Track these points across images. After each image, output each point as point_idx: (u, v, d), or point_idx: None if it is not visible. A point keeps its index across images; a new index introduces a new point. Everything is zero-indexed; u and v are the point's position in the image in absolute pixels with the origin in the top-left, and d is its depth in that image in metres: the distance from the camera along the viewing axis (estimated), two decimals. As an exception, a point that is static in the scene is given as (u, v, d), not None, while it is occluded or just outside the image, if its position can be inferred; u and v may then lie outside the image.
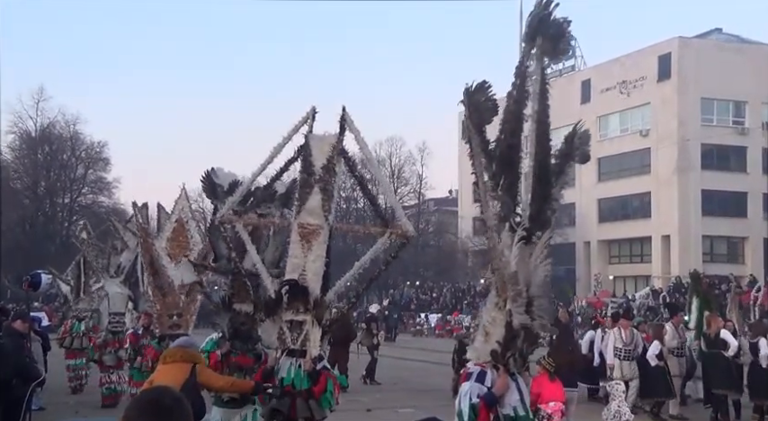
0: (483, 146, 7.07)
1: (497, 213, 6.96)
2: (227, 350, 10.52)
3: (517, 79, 7.10)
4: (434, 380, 22.42)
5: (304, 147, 9.04)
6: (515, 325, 6.75)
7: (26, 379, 11.53)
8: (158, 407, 3.23)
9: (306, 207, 8.85)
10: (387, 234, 8.95)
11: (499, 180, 6.98)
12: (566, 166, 7.16)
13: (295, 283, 8.67)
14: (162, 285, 13.36)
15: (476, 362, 7.03)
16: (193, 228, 14.23)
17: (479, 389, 6.84)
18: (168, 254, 13.72)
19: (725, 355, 15.89)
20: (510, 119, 7.02)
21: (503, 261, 6.84)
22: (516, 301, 6.73)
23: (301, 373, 8.62)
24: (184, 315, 13.43)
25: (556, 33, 6.97)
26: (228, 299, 10.74)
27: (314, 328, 8.67)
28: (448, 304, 51.87)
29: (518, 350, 6.92)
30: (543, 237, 6.92)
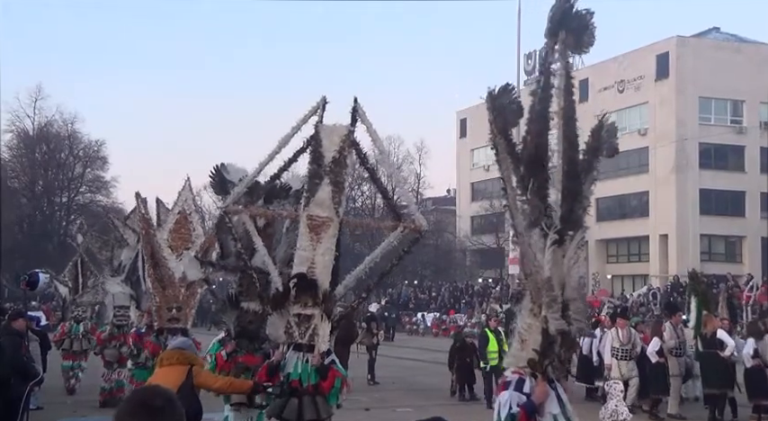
0: (509, 149, 6.88)
1: (528, 217, 6.78)
2: (232, 349, 10.36)
3: (542, 76, 6.97)
4: (432, 379, 22.43)
5: (314, 137, 8.86)
6: (552, 331, 6.60)
7: (24, 378, 11.52)
8: (149, 407, 3.20)
9: (315, 199, 8.68)
10: (399, 228, 8.81)
11: (528, 183, 6.81)
12: (594, 162, 6.93)
13: (303, 277, 8.51)
14: (162, 277, 13.19)
15: (513, 369, 6.85)
16: (196, 220, 14.03)
17: (518, 397, 6.67)
18: (170, 246, 13.51)
19: (721, 355, 15.91)
20: (536, 118, 6.82)
21: (535, 266, 6.68)
22: (552, 307, 6.58)
23: (309, 368, 8.47)
24: (184, 308, 13.27)
25: (579, 26, 6.78)
26: (236, 296, 10.56)
27: (323, 323, 8.51)
28: (446, 303, 51.84)
29: (556, 356, 6.75)
30: (576, 237, 6.75)
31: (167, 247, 13.42)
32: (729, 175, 54.47)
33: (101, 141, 64.37)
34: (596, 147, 6.95)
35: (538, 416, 6.66)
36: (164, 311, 13.16)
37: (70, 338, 19.40)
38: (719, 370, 15.83)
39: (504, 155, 6.91)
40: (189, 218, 13.80)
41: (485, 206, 65.18)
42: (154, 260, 13.34)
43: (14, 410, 11.32)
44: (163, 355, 8.69)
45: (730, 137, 54.22)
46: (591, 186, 6.91)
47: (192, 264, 11.71)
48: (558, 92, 6.81)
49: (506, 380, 6.88)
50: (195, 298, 13.57)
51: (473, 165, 71.82)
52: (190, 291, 13.20)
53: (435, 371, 22.75)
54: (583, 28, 6.81)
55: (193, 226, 13.79)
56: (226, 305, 10.72)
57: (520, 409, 6.61)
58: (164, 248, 13.38)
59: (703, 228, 53.85)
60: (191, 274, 11.85)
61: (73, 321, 19.70)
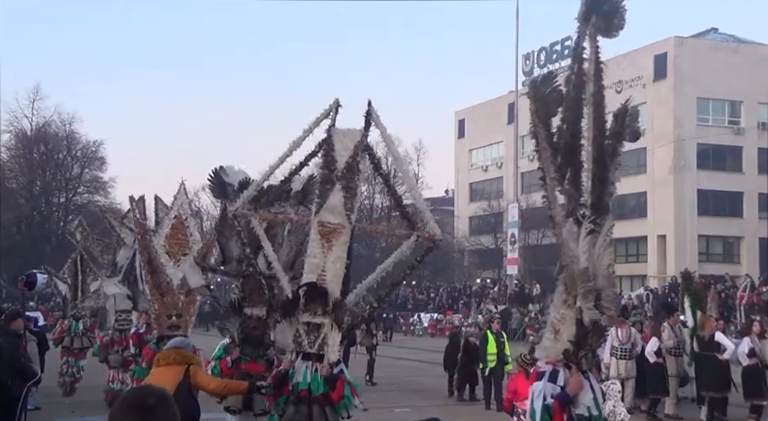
0: (549, 139, 6.82)
1: (564, 207, 6.75)
2: (237, 356, 10.20)
3: (574, 63, 6.90)
4: (430, 379, 22.44)
5: (326, 141, 8.64)
6: (586, 322, 6.57)
7: (22, 378, 11.50)
8: (142, 406, 3.20)
9: (327, 205, 8.48)
10: (413, 237, 8.61)
11: (565, 172, 6.75)
12: (618, 147, 6.87)
13: (314, 285, 8.33)
14: (160, 284, 12.87)
15: (546, 360, 6.81)
16: (193, 225, 13.77)
17: (552, 388, 6.65)
18: (167, 251, 13.21)
19: (719, 358, 15.91)
20: (571, 105, 6.77)
21: (571, 256, 6.62)
22: (587, 298, 6.53)
23: (318, 378, 8.31)
24: (184, 315, 12.95)
25: (610, 9, 6.75)
26: (239, 302, 10.37)
27: (333, 332, 8.34)
28: (444, 304, 51.83)
29: (590, 347, 6.74)
30: (606, 224, 6.71)
31: (164, 253, 13.15)
32: (727, 176, 54.50)
33: (99, 142, 64.42)
34: (619, 131, 6.90)
35: (572, 407, 6.65)
36: (163, 319, 12.89)
37: (70, 336, 19.26)
38: (717, 372, 15.82)
39: (545, 145, 6.84)
40: (185, 223, 13.55)
41: (483, 206, 65.20)
42: (151, 267, 13.05)
43: (13, 410, 11.31)
44: (160, 355, 8.61)
45: (728, 137, 54.25)
46: (615, 172, 6.86)
47: (193, 271, 11.50)
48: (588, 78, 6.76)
49: (540, 370, 6.86)
50: (195, 304, 13.29)
51: (471, 165, 71.85)
52: (189, 297, 12.94)
53: (433, 372, 22.75)
54: (614, 11, 6.77)
55: (190, 231, 13.56)
56: (229, 311, 10.54)
57: (554, 400, 6.60)
58: (161, 254, 13.11)
59: (701, 228, 53.87)
60: (193, 282, 11.68)
61: (72, 319, 19.53)
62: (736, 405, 16.21)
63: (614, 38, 7.02)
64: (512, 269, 50.46)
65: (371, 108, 8.74)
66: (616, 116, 6.92)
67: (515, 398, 12.39)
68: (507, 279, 51.29)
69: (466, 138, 72.14)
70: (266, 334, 10.43)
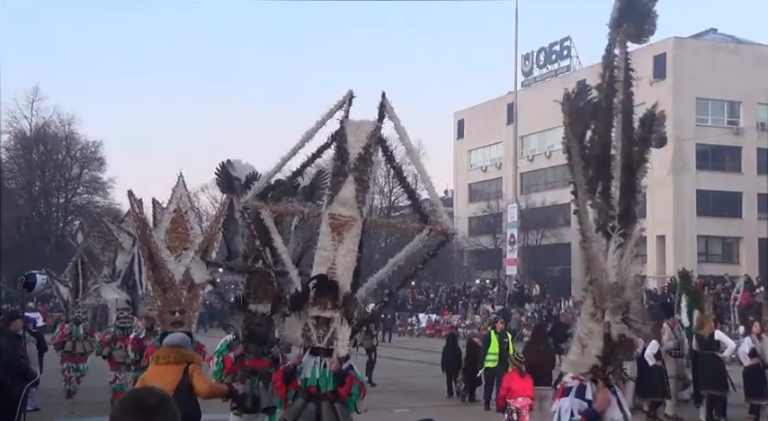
0: (582, 153, 6.67)
1: (595, 220, 6.60)
2: (240, 353, 10.13)
3: (606, 70, 6.75)
4: (429, 380, 22.43)
5: (339, 133, 8.51)
6: (614, 336, 6.43)
7: (22, 379, 11.50)
8: (143, 407, 3.22)
9: (338, 197, 8.36)
10: (425, 230, 8.50)
11: (596, 185, 6.64)
12: (645, 153, 6.73)
13: (324, 278, 8.18)
14: (162, 280, 12.54)
15: (573, 375, 6.67)
16: (193, 218, 13.47)
17: (580, 404, 6.51)
18: (168, 246, 12.90)
19: (718, 356, 15.93)
20: (602, 115, 6.65)
21: (600, 270, 6.47)
22: (616, 313, 6.39)
23: (327, 374, 8.17)
24: (187, 311, 12.61)
25: (641, 14, 6.65)
26: (243, 298, 10.28)
27: (342, 326, 8.20)
28: (443, 304, 51.83)
29: (618, 362, 6.61)
30: (633, 234, 6.64)
31: (165, 248, 12.84)
32: (726, 176, 54.52)
33: (98, 142, 64.33)
34: (646, 137, 6.77)
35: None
36: (166, 315, 12.59)
37: (72, 340, 19.07)
38: (716, 371, 15.84)
39: (578, 159, 6.69)
40: (185, 216, 13.26)
41: (482, 207, 65.20)
42: (152, 262, 12.72)
43: (12, 411, 11.30)
44: (159, 353, 8.49)
45: (727, 138, 54.27)
46: (642, 179, 6.75)
47: (197, 266, 11.32)
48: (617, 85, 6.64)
49: (566, 385, 6.72)
50: (198, 300, 12.92)
51: (470, 166, 71.85)
52: (192, 292, 12.59)
53: (432, 373, 22.73)
54: (645, 16, 6.67)
55: (191, 224, 13.26)
56: (233, 307, 10.44)
57: (581, 417, 6.48)
58: (162, 249, 12.79)
59: (700, 229, 53.88)
60: (197, 277, 11.47)
61: (73, 323, 19.35)
62: (735, 405, 16.22)
63: (643, 43, 6.96)
64: (511, 269, 50.49)
65: (385, 100, 8.64)
66: (642, 121, 6.81)
67: (509, 395, 12.52)
68: (506, 279, 51.29)
69: (465, 138, 72.13)
70: (271, 331, 10.34)
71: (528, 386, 12.65)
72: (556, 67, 62.11)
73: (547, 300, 46.08)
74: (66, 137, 63.56)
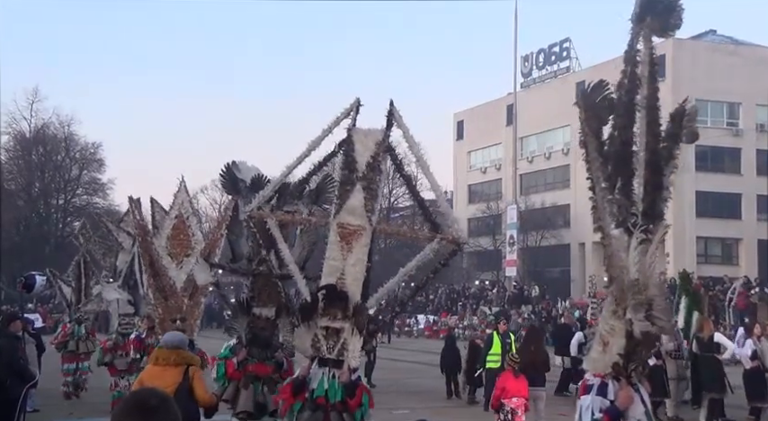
0: (600, 149, 6.58)
1: (615, 217, 6.53)
2: (243, 357, 10.00)
3: (627, 66, 6.65)
4: (429, 381, 22.42)
5: (346, 141, 8.41)
6: (636, 334, 6.35)
7: (21, 380, 11.49)
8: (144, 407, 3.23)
9: (346, 206, 8.24)
10: (436, 240, 8.42)
11: (615, 181, 6.55)
12: (674, 149, 6.61)
13: (333, 288, 8.05)
14: (163, 287, 12.51)
15: (594, 373, 6.60)
16: (194, 224, 13.37)
17: (602, 402, 6.45)
18: (169, 253, 12.84)
19: (718, 359, 15.92)
20: (622, 112, 6.54)
21: (621, 267, 6.43)
22: (638, 310, 6.31)
23: (336, 385, 8.04)
24: (188, 319, 12.61)
25: (666, 8, 6.55)
26: (247, 302, 10.15)
27: (353, 337, 8.07)
28: (443, 305, 51.84)
29: (640, 360, 6.53)
30: (658, 231, 6.53)
31: (166, 255, 12.78)
32: (726, 178, 54.53)
33: (97, 143, 64.38)
34: (676, 133, 6.65)
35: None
36: (167, 323, 12.49)
37: (74, 340, 18.97)
38: (717, 373, 15.83)
39: (595, 155, 6.60)
40: (187, 222, 13.16)
41: (482, 208, 65.18)
42: (153, 269, 12.68)
43: (11, 412, 11.30)
44: (159, 354, 8.37)
45: (726, 139, 54.27)
46: (671, 175, 6.65)
47: (200, 268, 11.18)
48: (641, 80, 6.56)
49: (588, 383, 6.64)
50: (199, 307, 12.93)
51: (470, 167, 71.86)
52: (193, 300, 12.61)
53: (432, 374, 22.73)
54: (670, 10, 6.58)
55: (192, 231, 13.15)
56: (237, 311, 10.31)
57: (603, 415, 6.41)
58: (163, 256, 12.73)
59: (700, 230, 53.88)
60: (200, 279, 11.33)
61: (75, 323, 19.26)
62: (735, 406, 16.21)
63: (670, 37, 6.85)
64: (510, 271, 50.48)
65: (394, 108, 8.53)
66: (673, 117, 6.68)
67: (504, 395, 12.56)
68: (506, 281, 51.29)
69: (464, 139, 72.13)
70: (275, 335, 10.24)
71: (522, 386, 12.71)
72: (555, 68, 62.11)
73: (546, 301, 46.10)
74: (66, 138, 63.61)
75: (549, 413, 16.42)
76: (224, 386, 10.24)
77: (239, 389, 10.11)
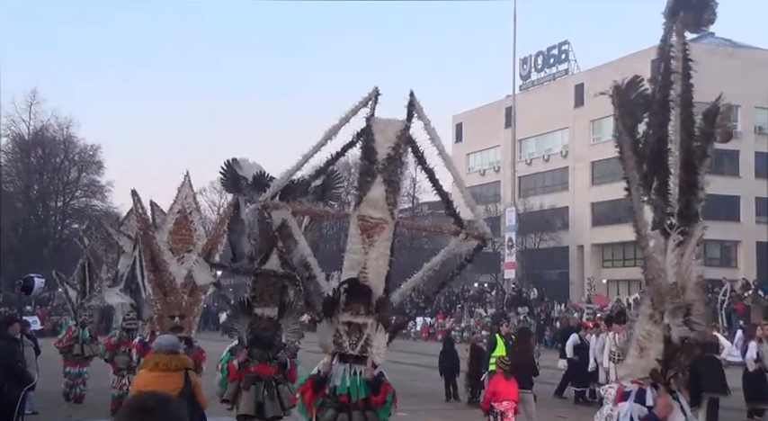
0: (635, 147, 6.39)
1: (651, 218, 6.35)
2: (244, 358, 9.85)
3: (661, 62, 6.50)
4: (428, 383, 22.39)
5: (365, 131, 8.13)
6: (674, 339, 6.16)
7: (19, 382, 11.48)
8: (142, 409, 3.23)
9: (367, 198, 7.99)
10: (462, 235, 8.29)
11: (651, 181, 6.38)
12: (708, 148, 6.46)
13: (355, 282, 7.80)
14: (163, 283, 12.25)
15: (631, 379, 6.43)
16: (197, 220, 13.06)
17: (640, 410, 6.28)
18: (170, 248, 12.56)
19: (717, 359, 15.91)
20: (658, 108, 6.38)
21: (658, 270, 6.25)
22: (676, 314, 6.14)
23: (358, 381, 7.84)
24: (187, 316, 12.38)
25: (699, 2, 6.41)
26: (248, 301, 9.99)
27: (377, 333, 7.84)
28: (442, 307, 51.83)
29: (680, 366, 6.33)
30: (695, 233, 6.39)
31: (168, 250, 12.52)
32: (724, 180, 54.44)
33: (96, 146, 64.32)
34: (710, 132, 6.50)
35: None
36: (166, 320, 12.27)
37: (79, 343, 18.83)
38: (716, 373, 15.82)
39: (629, 153, 6.41)
40: (189, 217, 12.89)
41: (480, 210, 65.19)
42: (154, 264, 12.43)
43: (9, 415, 11.28)
44: (158, 359, 8.29)
45: (725, 141, 54.27)
46: (706, 174, 6.48)
47: (200, 268, 10.94)
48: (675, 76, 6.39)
49: (624, 390, 6.48)
50: (199, 304, 12.66)
51: (468, 169, 71.85)
52: (193, 297, 12.36)
53: (430, 376, 22.72)
54: (703, 5, 6.45)
55: (194, 226, 12.87)
56: (238, 311, 10.12)
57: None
58: (164, 251, 12.46)
59: (698, 232, 53.91)
60: (200, 279, 11.10)
61: (79, 326, 19.11)
62: (735, 409, 16.20)
63: (703, 32, 6.71)
64: (509, 273, 50.46)
65: (414, 98, 8.32)
66: (706, 115, 6.55)
67: (494, 398, 12.59)
68: (504, 283, 51.30)
69: (463, 142, 72.16)
70: (277, 335, 10.07)
71: (513, 389, 12.74)
72: (554, 70, 62.17)
73: (545, 303, 46.10)
74: (65, 140, 63.57)
75: (548, 415, 16.43)
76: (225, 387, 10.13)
77: (240, 389, 9.97)
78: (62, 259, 46.28)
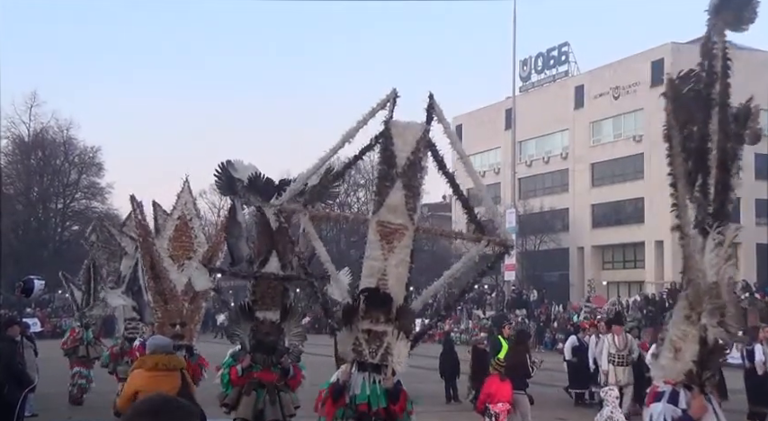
0: (684, 144, 6.30)
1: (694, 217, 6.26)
2: (248, 364, 9.72)
3: (704, 59, 6.43)
4: (427, 385, 22.35)
5: (383, 134, 7.95)
6: (710, 340, 6.10)
7: (19, 384, 11.48)
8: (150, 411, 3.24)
9: (387, 203, 7.83)
10: (483, 242, 8.17)
11: (695, 178, 6.31)
12: (738, 150, 6.46)
13: (376, 290, 7.65)
14: (163, 291, 12.13)
15: (665, 380, 6.35)
16: (197, 226, 12.95)
17: (673, 411, 6.20)
18: (170, 255, 12.45)
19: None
20: (701, 106, 6.31)
21: (697, 269, 6.16)
22: (714, 315, 6.06)
23: (378, 390, 7.72)
24: (188, 324, 12.27)
25: (742, 1, 6.38)
26: (249, 306, 9.85)
27: (398, 341, 7.70)
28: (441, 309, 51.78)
29: (715, 368, 6.30)
30: (728, 233, 6.31)
31: (168, 257, 12.42)
32: (724, 181, 54.59)
33: (96, 148, 64.32)
34: (740, 133, 6.45)
35: None
36: (167, 328, 12.09)
37: (84, 345, 18.79)
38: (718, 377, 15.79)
39: (678, 150, 6.33)
40: (190, 224, 12.79)
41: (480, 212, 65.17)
42: (154, 272, 12.30)
43: (10, 417, 11.28)
44: (158, 359, 8.23)
45: (725, 143, 54.31)
46: (735, 177, 6.44)
47: (199, 273, 10.80)
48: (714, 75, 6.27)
49: (657, 390, 6.41)
50: (200, 312, 12.53)
51: (468, 171, 71.90)
52: (194, 304, 12.25)
53: (430, 378, 22.69)
54: (746, 3, 6.40)
55: (195, 233, 12.75)
56: (239, 316, 9.98)
57: None
58: (164, 259, 12.36)
59: (699, 234, 53.96)
60: (199, 284, 10.94)
61: (83, 328, 19.05)
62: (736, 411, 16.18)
63: (743, 32, 6.64)
64: (509, 275, 50.43)
65: (433, 101, 8.16)
66: (737, 116, 6.50)
67: (489, 400, 12.63)
68: (504, 285, 51.30)
69: (463, 143, 71.40)
70: (280, 339, 9.95)
71: (507, 391, 12.78)
72: (554, 72, 62.17)
73: (545, 305, 46.09)
74: (65, 142, 63.56)
75: (548, 417, 16.43)
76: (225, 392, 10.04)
77: (241, 394, 9.88)
78: (62, 261, 46.26)
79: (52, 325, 45.88)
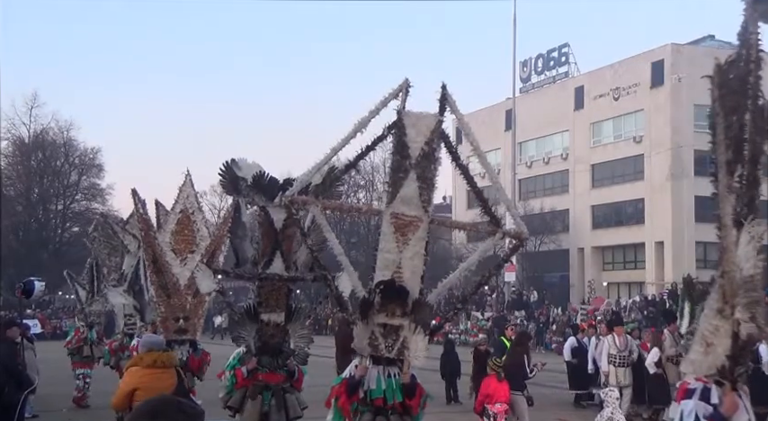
0: (728, 132, 6.21)
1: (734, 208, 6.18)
2: (253, 366, 9.64)
3: (742, 49, 6.36)
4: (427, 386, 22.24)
5: (396, 124, 7.79)
6: (743, 335, 5.98)
7: (18, 386, 11.47)
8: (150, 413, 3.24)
9: (401, 195, 7.69)
10: (498, 234, 8.07)
11: (735, 169, 6.22)
12: (764, 144, 6.31)
13: (392, 283, 7.50)
14: (166, 285, 12.00)
15: (696, 376, 6.24)
16: (200, 220, 12.81)
17: (704, 408, 6.12)
18: (173, 249, 12.31)
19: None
20: (745, 94, 6.25)
21: (732, 262, 6.04)
22: (749, 309, 5.93)
23: (394, 384, 7.66)
24: (191, 318, 12.13)
25: None
26: (254, 307, 9.76)
27: (415, 335, 7.60)
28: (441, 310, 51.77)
29: (747, 363, 6.16)
30: (758, 228, 6.19)
31: (170, 251, 12.28)
32: (724, 182, 54.56)
33: (96, 149, 64.37)
34: (764, 128, 6.38)
35: None
36: (170, 322, 11.97)
37: (89, 345, 18.77)
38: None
39: (722, 137, 6.23)
40: (192, 217, 12.63)
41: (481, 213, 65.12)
42: (156, 266, 12.15)
43: (10, 418, 11.28)
44: (157, 357, 8.20)
45: (725, 144, 54.27)
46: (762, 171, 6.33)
47: (204, 275, 10.65)
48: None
49: (688, 387, 6.29)
50: (203, 306, 12.41)
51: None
52: (197, 298, 12.12)
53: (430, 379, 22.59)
54: None
55: (197, 226, 12.61)
56: (244, 317, 9.89)
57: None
58: (166, 252, 12.22)
59: (699, 235, 53.80)
60: (203, 286, 10.81)
61: (87, 328, 19.03)
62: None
63: None
64: (509, 276, 50.44)
65: (446, 91, 8.05)
66: (762, 111, 6.45)
67: (487, 400, 12.63)
68: (505, 286, 51.30)
69: (463, 144, 71.80)
70: (285, 342, 9.87)
71: (505, 391, 12.79)
72: (554, 73, 62.16)
73: (545, 306, 46.09)
74: (65, 143, 63.59)
75: (548, 418, 16.43)
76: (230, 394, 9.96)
77: (246, 397, 9.82)
78: (62, 262, 46.24)
79: (52, 326, 45.84)
